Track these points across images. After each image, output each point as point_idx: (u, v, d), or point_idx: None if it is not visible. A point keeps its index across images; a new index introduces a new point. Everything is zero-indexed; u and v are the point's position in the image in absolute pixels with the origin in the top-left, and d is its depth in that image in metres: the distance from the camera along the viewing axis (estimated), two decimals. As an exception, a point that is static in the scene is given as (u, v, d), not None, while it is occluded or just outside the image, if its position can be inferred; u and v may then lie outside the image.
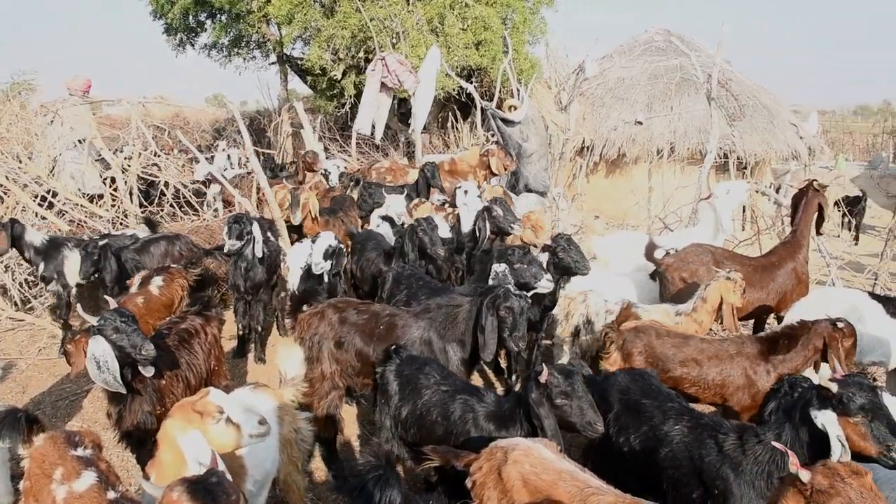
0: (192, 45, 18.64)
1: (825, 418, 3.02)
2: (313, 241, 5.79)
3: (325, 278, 5.81)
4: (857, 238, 15.55)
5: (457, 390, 3.93)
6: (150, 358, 3.95)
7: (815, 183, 6.56)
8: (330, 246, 5.75)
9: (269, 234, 6.99)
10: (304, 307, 5.24)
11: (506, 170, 10.16)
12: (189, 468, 2.84)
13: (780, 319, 6.32)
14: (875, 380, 6.46)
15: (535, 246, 6.00)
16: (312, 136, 12.50)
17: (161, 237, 7.49)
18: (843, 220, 15.82)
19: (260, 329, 6.91)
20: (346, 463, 5.27)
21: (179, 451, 2.91)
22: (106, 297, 5.15)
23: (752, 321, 6.60)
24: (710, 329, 5.60)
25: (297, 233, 8.08)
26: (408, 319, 4.71)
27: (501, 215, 6.61)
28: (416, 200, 8.41)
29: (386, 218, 7.71)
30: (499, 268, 4.93)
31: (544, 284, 5.09)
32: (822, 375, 3.13)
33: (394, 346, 4.47)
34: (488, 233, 6.50)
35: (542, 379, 3.42)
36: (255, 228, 6.49)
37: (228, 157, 12.56)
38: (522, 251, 5.09)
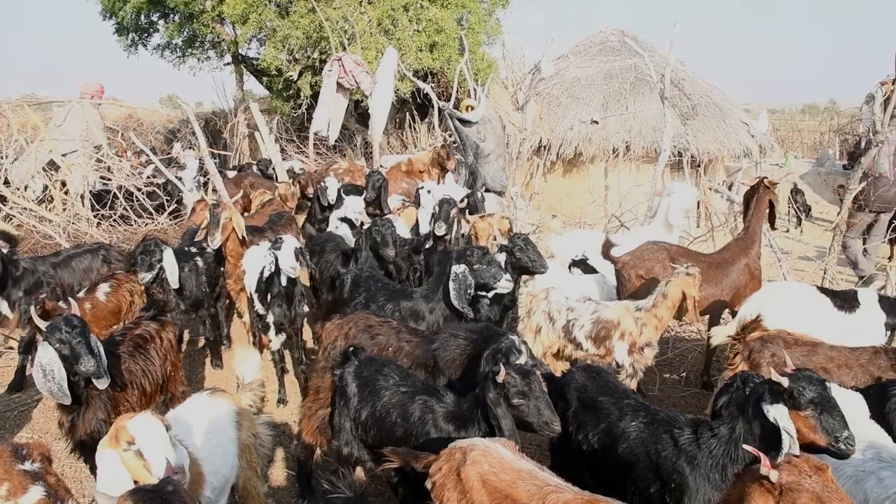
0: (145, 46, 18.38)
1: (777, 412, 3.08)
2: (277, 249, 5.62)
3: (283, 282, 5.70)
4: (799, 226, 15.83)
5: (416, 391, 3.92)
6: (88, 374, 3.83)
7: (765, 180, 6.70)
8: (296, 248, 5.66)
9: (204, 244, 6.71)
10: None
11: (450, 164, 10.27)
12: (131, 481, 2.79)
13: (734, 314, 6.43)
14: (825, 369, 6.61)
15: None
16: (269, 137, 12.38)
17: (84, 250, 6.95)
18: (790, 213, 16.13)
19: (211, 338, 6.82)
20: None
21: (131, 461, 2.87)
22: (70, 299, 5.03)
23: (707, 317, 6.70)
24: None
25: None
26: (417, 345, 4.64)
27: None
28: (398, 204, 8.39)
29: (345, 219, 7.66)
30: (458, 269, 4.92)
31: (504, 285, 5.10)
32: (773, 370, 3.19)
33: (351, 348, 4.45)
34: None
35: (500, 379, 3.43)
36: (167, 255, 5.98)
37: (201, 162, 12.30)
38: (482, 252, 5.09)
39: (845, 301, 5.63)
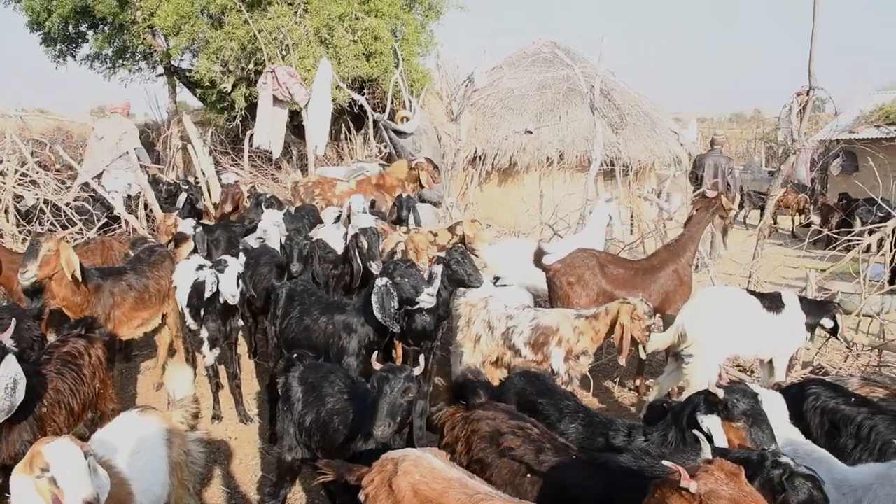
0: (74, 57, 17.93)
1: (711, 423, 3.21)
2: (220, 271, 5.52)
3: (218, 305, 5.61)
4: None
5: (359, 399, 3.94)
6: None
7: (722, 199, 6.90)
8: (239, 273, 5.50)
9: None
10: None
11: (435, 183, 9.93)
12: None
13: (665, 320, 6.60)
14: (752, 372, 6.86)
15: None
16: (202, 149, 12.21)
17: None
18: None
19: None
20: (241, 485, 5.21)
21: (44, 489, 2.80)
22: None
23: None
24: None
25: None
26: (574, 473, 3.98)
27: (365, 248, 6.37)
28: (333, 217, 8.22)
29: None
30: (381, 281, 4.91)
31: (425, 299, 5.02)
32: (710, 382, 3.32)
33: (295, 354, 4.46)
34: (359, 263, 6.39)
35: None
36: None
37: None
38: (406, 264, 5.08)
39: (772, 303, 5.88)
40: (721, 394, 3.21)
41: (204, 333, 5.75)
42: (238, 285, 5.43)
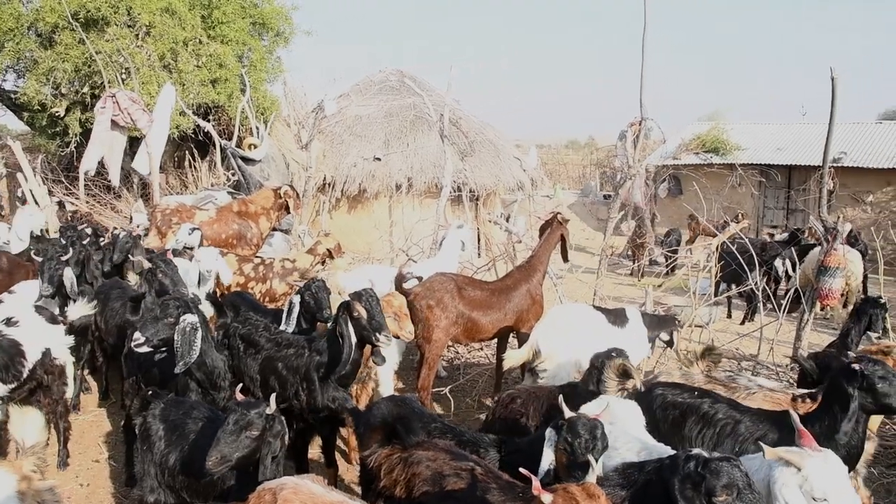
0: None
1: (549, 442, 3.39)
2: None
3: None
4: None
5: None
6: None
7: (559, 216, 7.23)
8: None
9: None
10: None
11: (296, 210, 9.67)
12: None
13: (519, 337, 6.86)
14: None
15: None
16: (33, 177, 11.46)
17: None
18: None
19: None
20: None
21: None
22: None
23: (494, 341, 7.11)
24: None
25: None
26: None
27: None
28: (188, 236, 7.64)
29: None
30: (189, 317, 4.42)
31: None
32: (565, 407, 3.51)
33: (150, 391, 4.27)
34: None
35: None
36: None
37: None
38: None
39: (617, 318, 6.27)
40: (567, 415, 3.38)
41: None
42: None
